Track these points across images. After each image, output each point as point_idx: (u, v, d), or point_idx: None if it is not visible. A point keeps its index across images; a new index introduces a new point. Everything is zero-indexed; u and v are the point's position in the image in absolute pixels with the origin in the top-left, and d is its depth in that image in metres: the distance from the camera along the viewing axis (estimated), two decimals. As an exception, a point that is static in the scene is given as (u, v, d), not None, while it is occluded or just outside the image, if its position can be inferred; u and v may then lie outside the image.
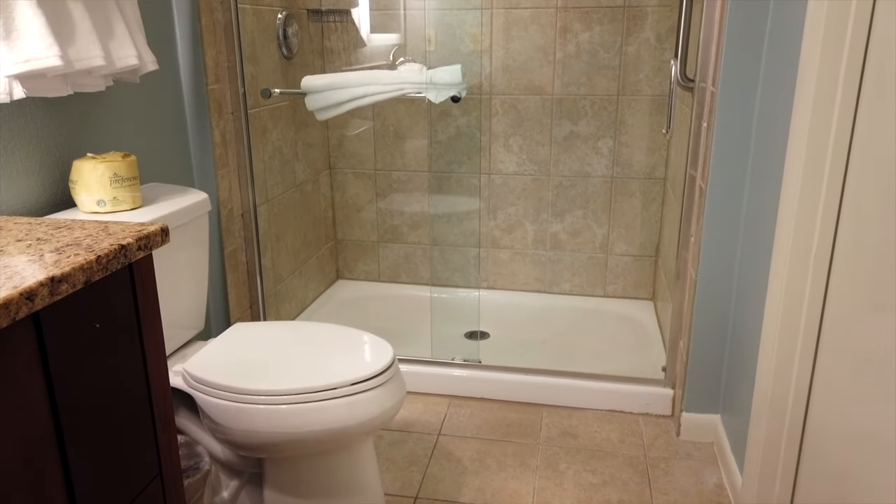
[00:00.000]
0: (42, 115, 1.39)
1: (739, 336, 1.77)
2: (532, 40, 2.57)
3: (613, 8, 2.48)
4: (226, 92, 2.02)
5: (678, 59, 1.89)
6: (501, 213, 2.81)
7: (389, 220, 2.93)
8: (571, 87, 2.60)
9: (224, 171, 2.03)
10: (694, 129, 1.85)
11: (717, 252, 1.82)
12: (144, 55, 1.51)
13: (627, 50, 2.52)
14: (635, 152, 2.63)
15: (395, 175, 2.86)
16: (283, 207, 2.49)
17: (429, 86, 2.22)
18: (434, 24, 2.62)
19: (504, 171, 2.75)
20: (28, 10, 1.19)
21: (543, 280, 2.86)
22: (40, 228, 1.02)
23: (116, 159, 1.41)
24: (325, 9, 2.69)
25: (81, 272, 0.86)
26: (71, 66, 1.28)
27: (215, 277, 2.05)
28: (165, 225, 1.03)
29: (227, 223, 2.07)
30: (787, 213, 1.37)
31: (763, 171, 1.61)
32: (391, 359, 1.49)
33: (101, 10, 1.40)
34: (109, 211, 1.41)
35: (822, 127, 1.26)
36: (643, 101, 2.56)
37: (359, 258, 3.01)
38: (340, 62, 2.75)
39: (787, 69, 1.45)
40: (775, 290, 1.42)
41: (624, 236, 2.74)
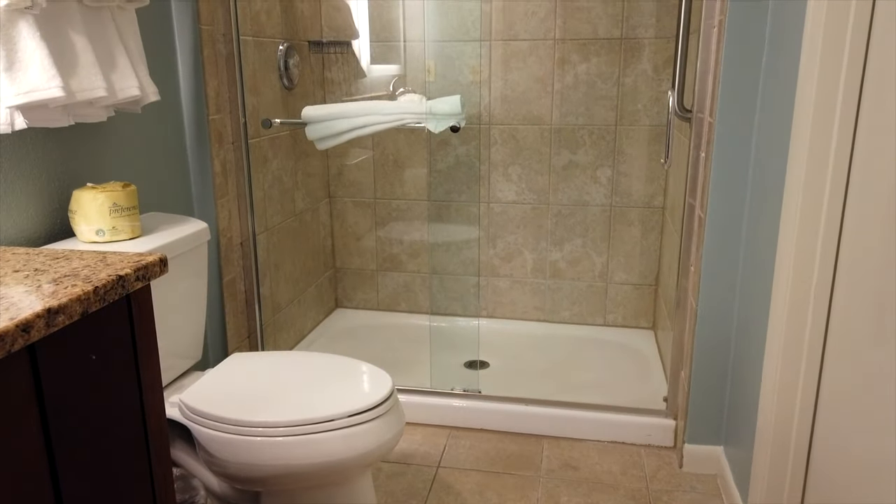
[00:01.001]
0: (43, 145, 1.40)
1: (741, 366, 1.76)
2: (530, 71, 2.60)
3: (610, 40, 2.51)
4: (227, 122, 2.03)
5: (675, 91, 1.91)
6: (501, 242, 2.81)
7: (389, 248, 2.93)
8: (570, 117, 2.62)
9: (224, 201, 2.04)
10: (692, 158, 1.86)
11: (717, 281, 1.82)
12: (146, 86, 1.52)
13: (625, 81, 2.54)
14: (634, 181, 2.64)
15: (395, 204, 2.86)
16: (282, 236, 2.49)
17: (428, 116, 2.24)
18: (434, 55, 2.66)
19: (503, 199, 2.76)
20: (31, 41, 1.21)
21: (543, 309, 2.85)
22: (38, 259, 1.01)
23: (116, 189, 1.41)
24: (325, 40, 2.72)
25: (79, 303, 0.85)
26: (73, 97, 1.29)
27: (213, 306, 2.04)
28: (164, 255, 1.02)
29: (226, 252, 2.07)
30: (786, 243, 1.37)
31: (762, 200, 1.61)
32: (390, 389, 1.47)
33: (105, 41, 1.42)
34: (108, 240, 1.40)
35: (819, 157, 1.27)
36: (641, 130, 2.58)
37: (358, 287, 3.00)
38: (341, 92, 2.77)
39: (785, 100, 1.46)
40: (777, 319, 1.41)
41: (623, 265, 2.74)
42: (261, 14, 2.24)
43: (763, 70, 1.64)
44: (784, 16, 1.49)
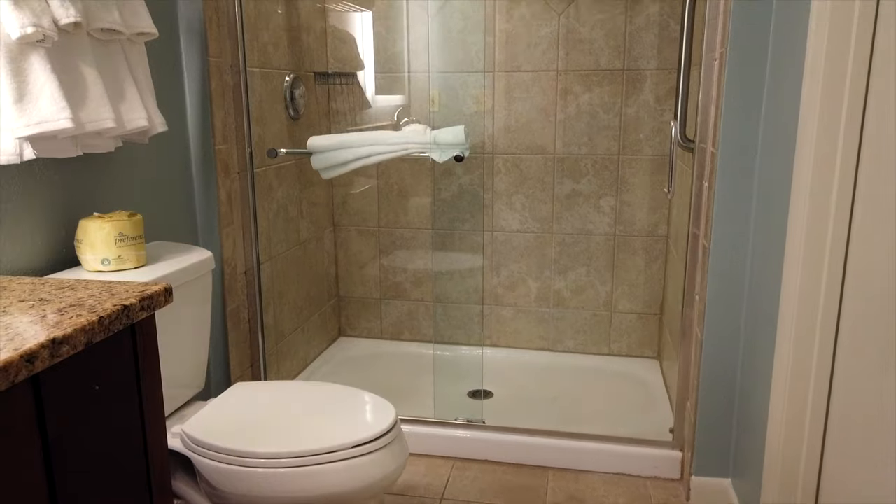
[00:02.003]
0: (51, 174, 1.41)
1: (748, 397, 1.74)
2: (533, 102, 2.62)
3: (612, 71, 2.54)
4: (233, 152, 2.05)
5: (677, 121, 1.93)
6: (504, 271, 2.81)
7: (392, 277, 2.93)
8: (573, 146, 2.64)
9: (229, 230, 2.04)
10: (695, 188, 1.87)
11: (722, 310, 1.81)
12: (154, 117, 1.54)
13: (627, 111, 2.57)
14: (637, 210, 2.65)
15: (399, 232, 2.87)
16: (286, 265, 2.50)
17: (432, 146, 2.26)
18: (438, 85, 2.69)
19: (507, 228, 2.76)
20: (42, 74, 1.23)
21: (547, 338, 2.84)
22: (44, 288, 1.01)
23: (122, 218, 1.42)
24: (331, 72, 2.76)
25: (83, 334, 0.85)
26: (82, 128, 1.31)
27: (217, 335, 2.04)
28: (169, 285, 1.03)
29: (230, 281, 2.07)
30: (791, 273, 1.36)
31: (766, 229, 1.62)
32: (393, 420, 1.46)
33: (114, 73, 1.44)
34: (113, 269, 1.41)
35: (823, 187, 1.27)
36: (644, 160, 2.60)
37: (361, 315, 3.00)
38: (346, 122, 2.80)
39: (787, 131, 1.47)
40: (783, 350, 1.40)
41: (628, 294, 2.73)
42: (268, 46, 2.28)
43: (765, 101, 1.66)
44: (785, 49, 1.51)
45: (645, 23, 2.49)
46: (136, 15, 1.49)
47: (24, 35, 1.17)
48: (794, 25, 1.44)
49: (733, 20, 1.64)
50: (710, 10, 1.74)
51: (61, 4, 1.25)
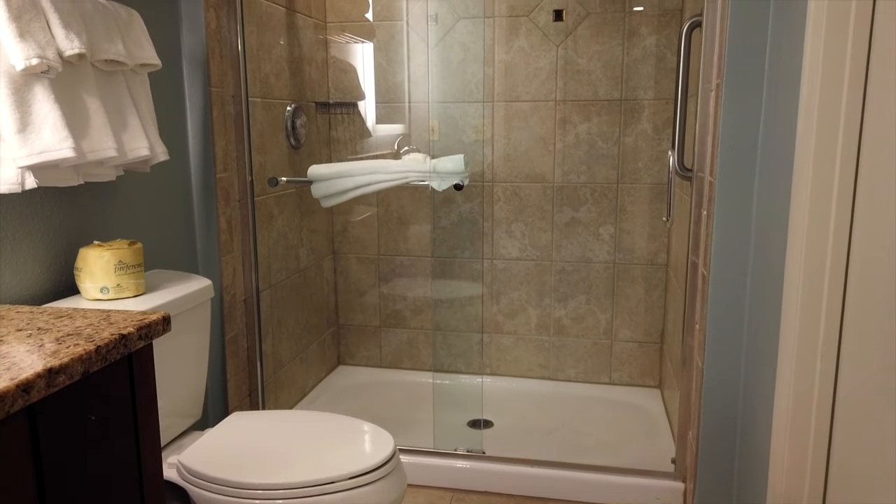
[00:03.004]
0: (52, 203, 1.42)
1: (750, 427, 1.73)
2: (532, 131, 2.65)
3: (610, 101, 2.57)
4: (234, 180, 2.06)
5: (675, 150, 1.94)
6: (504, 299, 2.80)
7: (392, 304, 2.92)
8: (571, 175, 2.65)
9: (228, 258, 2.05)
10: (694, 217, 1.88)
11: (722, 339, 1.80)
12: (156, 146, 1.55)
13: (625, 140, 2.59)
14: (636, 239, 2.65)
15: (398, 260, 2.87)
16: (285, 293, 2.49)
17: (432, 174, 2.27)
18: (438, 115, 2.71)
19: (506, 256, 2.77)
20: (46, 104, 1.24)
21: (548, 366, 2.82)
22: (42, 317, 1.01)
23: (122, 247, 1.42)
24: (332, 101, 2.79)
25: (80, 363, 0.85)
26: (84, 158, 1.32)
27: (215, 364, 2.03)
28: (167, 313, 1.03)
29: (229, 309, 2.07)
30: (791, 301, 1.36)
31: (765, 257, 1.62)
32: (392, 450, 1.44)
33: (117, 103, 1.45)
34: (112, 298, 1.41)
35: (820, 217, 1.27)
36: (642, 189, 2.61)
37: (360, 343, 2.99)
38: (346, 151, 2.82)
39: (784, 159, 1.48)
40: (784, 380, 1.39)
41: (628, 322, 2.72)
42: (270, 76, 2.30)
43: (761, 131, 1.67)
44: (781, 79, 1.53)
45: (642, 54, 2.52)
46: (140, 46, 1.51)
47: (28, 66, 1.18)
48: (789, 57, 1.46)
49: (729, 51, 1.67)
50: (705, 42, 1.76)
51: (66, 36, 1.26)
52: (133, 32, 1.50)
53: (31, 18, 1.21)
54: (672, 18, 2.48)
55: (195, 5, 1.85)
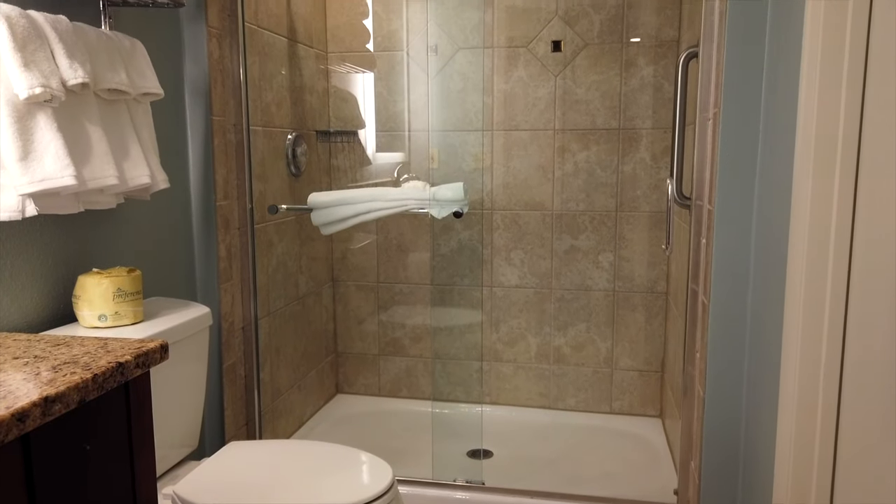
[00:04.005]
0: (51, 231, 1.42)
1: (753, 457, 1.71)
2: (531, 159, 2.66)
3: (609, 130, 2.59)
4: (234, 208, 2.07)
5: (674, 179, 1.95)
6: (504, 326, 2.79)
7: (391, 332, 2.91)
8: (571, 203, 2.66)
9: (227, 285, 2.04)
10: (693, 245, 1.88)
11: (723, 368, 1.79)
12: (157, 174, 1.56)
13: (624, 169, 2.60)
14: (636, 266, 2.65)
15: (398, 288, 2.87)
16: (284, 320, 2.48)
17: (432, 202, 2.28)
18: (437, 143, 2.73)
19: (506, 283, 2.76)
20: (48, 132, 1.25)
21: (548, 395, 2.80)
22: (39, 345, 1.01)
23: (121, 274, 1.42)
24: (333, 130, 2.81)
25: (76, 391, 0.84)
26: (84, 185, 1.32)
27: (212, 392, 2.01)
28: (165, 341, 1.02)
29: (227, 337, 2.06)
30: (791, 329, 1.36)
31: (765, 285, 1.62)
32: (390, 481, 1.42)
33: (119, 132, 1.46)
34: (110, 326, 1.40)
35: (819, 245, 1.28)
36: (641, 217, 2.62)
37: (359, 371, 2.96)
38: (346, 179, 2.84)
39: (782, 187, 1.49)
40: (786, 410, 1.38)
41: (628, 351, 2.70)
42: (271, 105, 2.33)
43: (759, 159, 1.68)
44: (778, 108, 1.54)
45: (639, 84, 2.55)
46: (143, 76, 1.52)
47: (32, 95, 1.19)
48: (785, 87, 1.48)
49: (726, 81, 1.69)
50: (702, 72, 1.78)
51: (70, 66, 1.28)
52: (136, 62, 1.51)
53: (35, 48, 1.22)
54: (669, 49, 2.51)
55: (198, 36, 1.87)
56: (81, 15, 1.49)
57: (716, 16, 1.72)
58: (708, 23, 1.76)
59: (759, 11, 1.64)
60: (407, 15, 2.70)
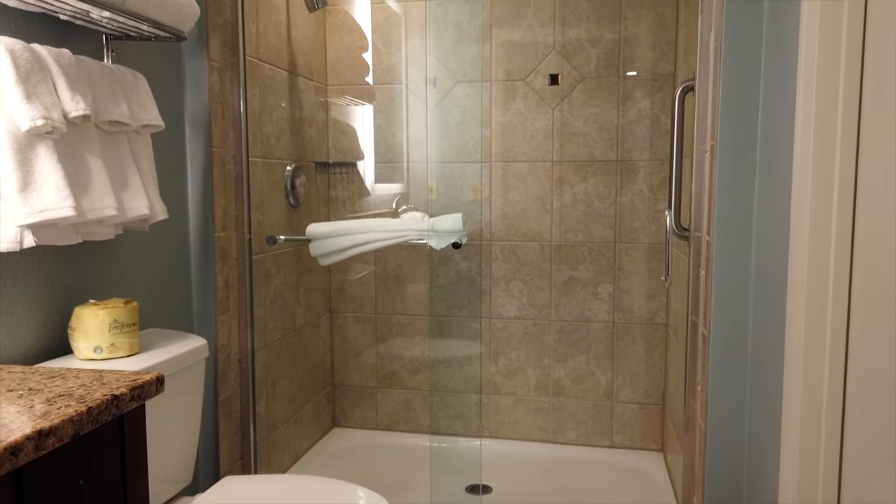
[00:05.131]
0: (48, 262, 1.41)
1: (756, 491, 1.68)
2: (530, 191, 2.67)
3: (606, 162, 2.61)
4: (232, 239, 2.07)
5: (672, 210, 1.96)
6: (503, 358, 2.77)
7: (389, 364, 2.88)
8: (569, 234, 2.66)
9: (224, 317, 2.03)
10: (692, 276, 1.87)
11: (725, 401, 1.77)
12: (156, 205, 1.56)
13: (622, 200, 2.61)
14: (635, 298, 2.64)
15: (396, 319, 2.85)
16: (281, 352, 2.46)
17: (430, 233, 2.28)
18: (436, 175, 2.75)
19: (505, 315, 2.75)
20: (48, 164, 1.25)
21: (547, 429, 2.76)
22: (34, 378, 0.99)
23: (118, 305, 1.41)
24: (332, 161, 2.82)
25: (71, 425, 0.82)
26: (83, 216, 1.32)
27: (207, 426, 1.98)
28: (161, 374, 1.01)
29: (223, 369, 2.03)
30: (793, 362, 1.35)
31: (765, 316, 1.61)
32: (389, 517, 1.40)
33: (118, 163, 1.47)
34: (105, 358, 1.38)
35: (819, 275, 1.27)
36: (640, 248, 2.62)
37: (356, 404, 2.93)
38: (345, 210, 2.84)
39: (780, 219, 1.50)
40: (789, 443, 1.36)
41: (629, 383, 2.68)
42: (271, 137, 2.34)
43: (757, 190, 1.69)
44: (774, 140, 1.56)
45: (636, 117, 2.58)
46: (144, 108, 1.54)
47: (33, 127, 1.20)
48: (782, 118, 1.50)
49: (722, 114, 1.70)
50: (698, 105, 1.80)
51: (72, 98, 1.29)
52: (137, 94, 1.53)
53: (38, 81, 1.23)
54: (665, 83, 2.55)
55: (200, 69, 1.89)
56: (85, 48, 1.51)
57: (711, 51, 1.75)
58: (703, 58, 1.78)
59: (753, 46, 1.67)
60: (406, 49, 2.73)
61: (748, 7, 1.67)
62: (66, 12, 1.37)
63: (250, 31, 2.16)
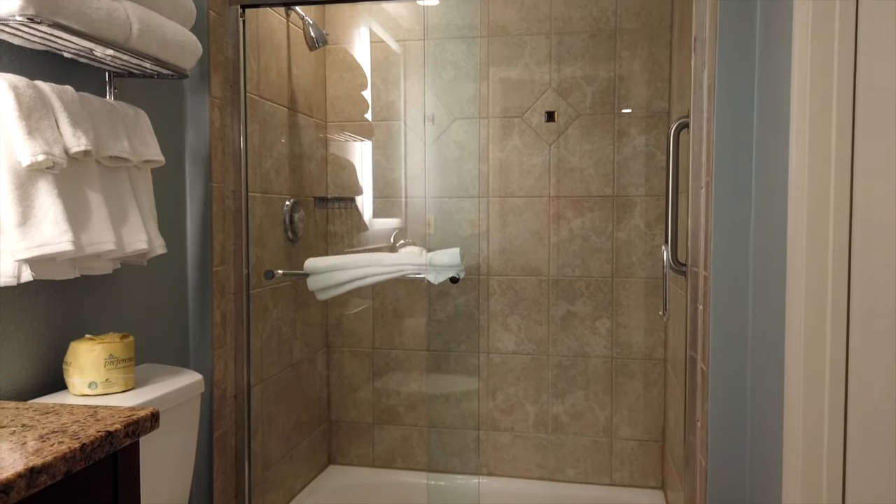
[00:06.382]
0: (45, 296, 1.41)
1: (759, 531, 1.65)
2: (527, 225, 2.69)
3: (603, 197, 2.63)
4: (230, 273, 2.07)
5: (669, 246, 1.97)
6: (501, 394, 2.75)
7: (386, 400, 2.86)
8: (566, 269, 2.67)
9: (221, 352, 2.02)
10: (690, 311, 1.87)
11: (726, 437, 1.75)
12: (154, 240, 1.57)
13: (619, 235, 2.63)
14: (633, 333, 2.64)
15: (393, 354, 2.84)
16: (277, 388, 2.44)
17: (428, 267, 2.28)
18: (434, 209, 2.76)
19: (502, 350, 2.74)
20: (48, 198, 1.26)
21: (546, 466, 2.73)
22: (27, 414, 0.98)
23: (114, 340, 1.40)
24: (330, 196, 2.84)
25: (63, 462, 0.81)
26: (82, 251, 1.32)
27: (202, 462, 1.95)
28: (156, 409, 1.00)
29: (219, 405, 2.01)
30: (793, 398, 1.34)
31: (764, 351, 1.60)
32: (385, 558, 1.37)
33: (118, 198, 1.48)
34: (100, 393, 1.37)
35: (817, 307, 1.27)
36: (637, 283, 2.62)
37: (353, 441, 2.89)
38: (343, 244, 2.85)
39: (776, 255, 1.50)
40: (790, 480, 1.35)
41: (628, 419, 2.66)
42: (270, 172, 2.36)
43: (753, 225, 1.70)
44: (769, 177, 1.57)
45: (632, 153, 2.60)
46: (145, 144, 1.55)
47: (34, 163, 1.21)
48: (776, 155, 1.51)
49: (717, 151, 1.72)
50: (693, 142, 1.82)
51: (74, 134, 1.30)
52: (139, 130, 1.54)
53: (40, 117, 1.25)
54: (660, 120, 2.58)
55: (201, 105, 1.91)
56: (88, 85, 1.53)
57: (704, 89, 1.78)
58: (697, 96, 1.81)
59: (746, 83, 1.70)
60: (405, 87, 2.78)
61: (740, 46, 1.70)
62: (71, 50, 1.40)
63: (251, 69, 2.20)
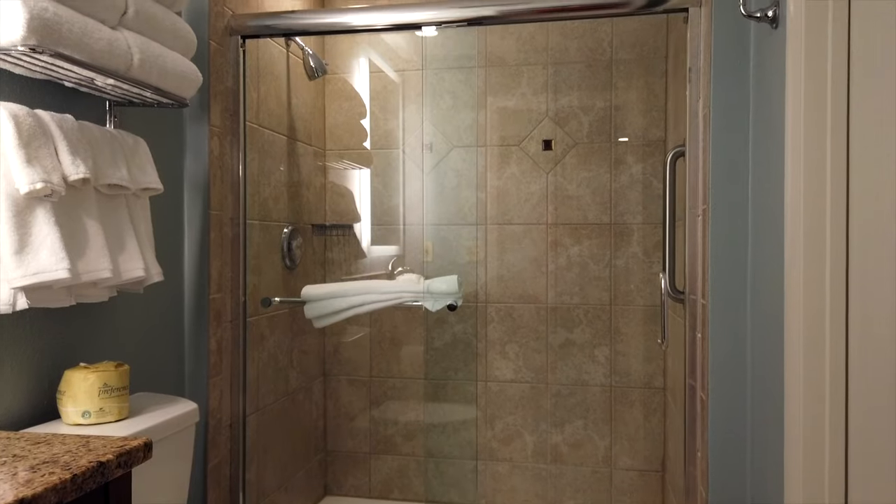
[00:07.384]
0: (40, 324, 1.40)
1: (762, 564, 1.62)
2: (525, 253, 2.69)
3: (600, 225, 2.63)
4: (227, 301, 2.06)
5: (666, 273, 1.97)
6: (499, 423, 2.72)
7: (383, 429, 2.83)
8: (565, 296, 2.66)
9: (216, 380, 2.00)
10: (689, 339, 1.87)
11: (726, 466, 1.73)
12: (151, 267, 1.56)
13: (617, 263, 2.63)
14: (632, 361, 2.62)
15: (391, 382, 2.81)
16: (273, 417, 2.42)
17: (426, 295, 2.28)
18: (432, 237, 2.76)
19: (501, 378, 2.72)
20: (46, 226, 1.26)
21: (545, 497, 2.69)
22: (18, 444, 0.97)
23: (109, 369, 1.39)
24: (329, 224, 2.85)
25: (54, 493, 0.80)
26: (78, 279, 1.32)
27: (195, 494, 1.92)
28: (149, 439, 0.98)
29: (213, 434, 1.99)
30: (793, 427, 1.33)
31: (763, 378, 1.59)
32: (381, 592, 1.34)
33: (116, 225, 1.48)
34: (93, 423, 1.36)
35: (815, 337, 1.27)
36: (636, 310, 2.61)
37: (349, 471, 2.86)
38: (341, 272, 2.84)
39: (774, 279, 1.50)
40: (794, 512, 1.33)
41: (627, 449, 2.63)
42: (269, 200, 2.36)
43: (750, 251, 1.71)
44: (765, 204, 1.58)
45: (629, 181, 2.62)
46: (144, 172, 1.56)
47: (32, 190, 1.21)
48: (772, 182, 1.52)
49: (713, 179, 1.73)
50: (689, 171, 1.84)
51: (72, 162, 1.31)
52: (138, 159, 1.55)
53: (40, 145, 1.25)
54: (656, 148, 2.60)
55: (200, 134, 1.93)
56: (88, 114, 1.54)
57: (700, 118, 1.80)
58: (693, 126, 1.83)
59: (741, 112, 1.72)
60: (403, 115, 2.80)
61: (735, 75, 1.72)
62: (72, 79, 1.41)
63: (251, 98, 2.21)
